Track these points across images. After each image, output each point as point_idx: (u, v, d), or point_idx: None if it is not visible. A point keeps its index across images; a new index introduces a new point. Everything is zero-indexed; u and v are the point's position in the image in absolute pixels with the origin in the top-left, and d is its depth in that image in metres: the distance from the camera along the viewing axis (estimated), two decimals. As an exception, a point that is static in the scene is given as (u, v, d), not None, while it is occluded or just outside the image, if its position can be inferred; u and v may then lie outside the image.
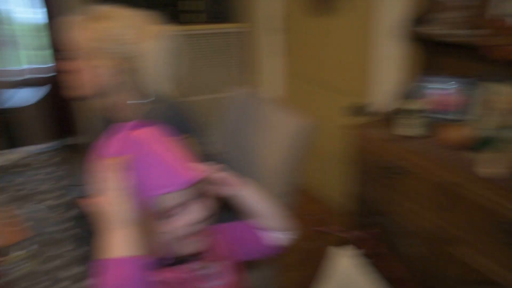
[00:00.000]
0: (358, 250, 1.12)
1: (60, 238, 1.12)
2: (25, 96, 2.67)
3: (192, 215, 0.78)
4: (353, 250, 1.13)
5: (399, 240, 1.36)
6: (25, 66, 2.68)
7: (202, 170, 0.80)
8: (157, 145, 0.77)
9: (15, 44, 2.60)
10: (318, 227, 1.19)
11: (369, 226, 1.12)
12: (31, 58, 2.67)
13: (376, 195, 1.55)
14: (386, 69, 1.92)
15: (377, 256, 1.12)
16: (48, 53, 2.56)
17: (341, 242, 1.14)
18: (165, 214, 0.76)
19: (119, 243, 0.72)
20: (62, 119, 2.70)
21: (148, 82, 1.15)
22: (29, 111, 2.66)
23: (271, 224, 0.94)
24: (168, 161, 0.76)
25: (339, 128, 1.93)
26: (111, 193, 0.74)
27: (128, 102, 1.17)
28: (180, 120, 1.23)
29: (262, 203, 0.93)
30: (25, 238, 1.09)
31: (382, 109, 1.79)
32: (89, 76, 1.13)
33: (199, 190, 0.79)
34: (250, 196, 0.91)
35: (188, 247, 0.80)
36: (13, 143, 2.50)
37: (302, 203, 2.69)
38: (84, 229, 1.14)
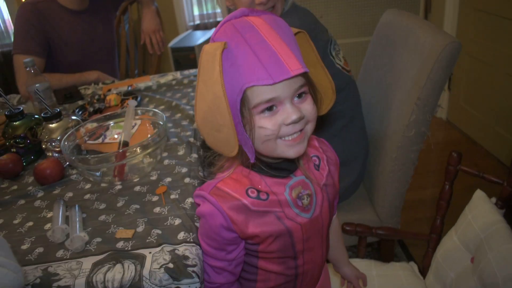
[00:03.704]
0: (500, 198, 1.13)
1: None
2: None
3: (285, 115, 0.71)
4: (496, 198, 1.14)
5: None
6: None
7: None
8: (265, 32, 0.70)
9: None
10: (469, 168, 1.19)
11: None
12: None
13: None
14: None
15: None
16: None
17: (487, 190, 1.15)
18: (255, 109, 0.71)
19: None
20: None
21: None
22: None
23: None
24: (268, 51, 0.68)
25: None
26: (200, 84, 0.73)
27: None
28: (312, 23, 1.38)
29: None
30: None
31: None
32: None
33: (296, 89, 0.72)
34: None
35: (279, 151, 0.75)
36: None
37: (460, 148, 2.79)
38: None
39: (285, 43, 0.69)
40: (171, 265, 0.83)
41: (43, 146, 1.25)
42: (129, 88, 1.82)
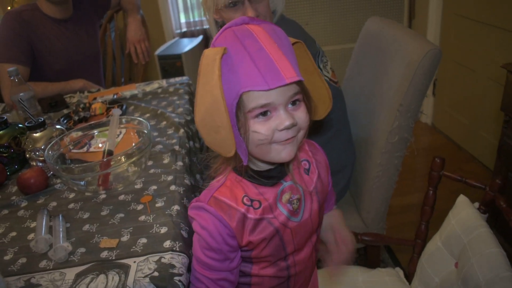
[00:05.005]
0: (483, 203, 1.13)
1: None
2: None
3: (278, 121, 0.73)
4: (479, 203, 1.14)
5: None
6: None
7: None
8: (263, 40, 0.72)
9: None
10: (453, 173, 1.20)
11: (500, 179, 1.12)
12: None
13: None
14: None
15: (496, 210, 1.12)
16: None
17: (471, 194, 1.15)
18: (250, 113, 0.73)
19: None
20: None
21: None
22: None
23: None
24: (265, 59, 0.70)
25: (500, 73, 1.88)
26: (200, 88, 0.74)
27: None
28: (300, 36, 1.33)
29: None
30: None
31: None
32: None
33: (291, 96, 0.73)
34: None
35: (272, 154, 0.77)
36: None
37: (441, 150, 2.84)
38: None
39: (282, 52, 0.72)
40: (156, 274, 0.83)
41: (27, 155, 1.25)
42: (115, 96, 1.82)
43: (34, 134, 1.24)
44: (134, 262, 0.87)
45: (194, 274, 0.85)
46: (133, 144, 1.12)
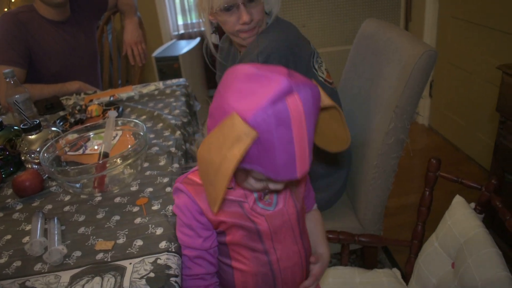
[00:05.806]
0: (479, 203, 1.14)
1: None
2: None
3: (272, 183, 0.79)
4: (475, 203, 1.14)
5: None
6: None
7: None
8: (296, 127, 0.67)
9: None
10: (448, 174, 1.20)
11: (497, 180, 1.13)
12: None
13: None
14: None
15: (492, 210, 1.12)
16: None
17: (468, 194, 1.15)
18: (253, 177, 0.79)
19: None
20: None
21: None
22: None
23: None
24: (288, 155, 0.68)
25: (496, 75, 1.90)
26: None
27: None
28: (295, 39, 1.36)
29: None
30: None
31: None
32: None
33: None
34: None
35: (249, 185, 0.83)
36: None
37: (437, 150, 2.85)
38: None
39: (307, 141, 0.69)
40: (152, 275, 0.83)
41: (22, 157, 1.24)
42: (111, 98, 1.82)
43: (30, 137, 1.24)
44: (130, 263, 0.87)
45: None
46: (129, 146, 1.12)
